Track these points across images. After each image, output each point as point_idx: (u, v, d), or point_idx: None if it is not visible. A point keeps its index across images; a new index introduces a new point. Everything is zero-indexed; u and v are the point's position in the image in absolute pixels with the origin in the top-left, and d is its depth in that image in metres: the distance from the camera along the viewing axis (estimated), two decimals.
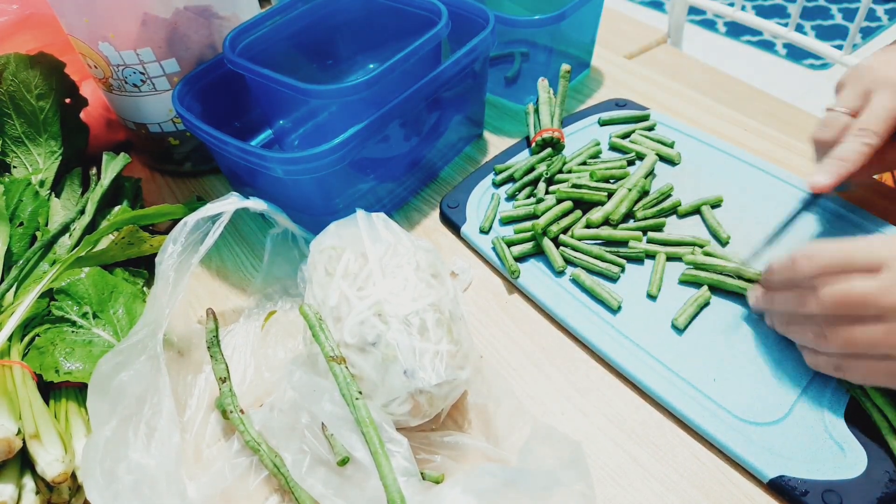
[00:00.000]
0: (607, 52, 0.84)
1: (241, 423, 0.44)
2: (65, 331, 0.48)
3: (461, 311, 0.46)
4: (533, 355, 0.50)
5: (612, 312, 0.51)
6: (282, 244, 0.57)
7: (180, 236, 0.48)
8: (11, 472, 0.41)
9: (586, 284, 0.53)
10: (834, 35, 2.22)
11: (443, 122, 0.65)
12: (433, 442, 0.44)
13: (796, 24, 1.01)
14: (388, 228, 0.48)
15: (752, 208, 0.58)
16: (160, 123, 0.66)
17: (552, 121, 0.67)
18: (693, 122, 0.70)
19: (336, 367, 0.40)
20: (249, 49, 0.61)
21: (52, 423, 0.43)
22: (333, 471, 0.39)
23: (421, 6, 0.63)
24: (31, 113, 0.62)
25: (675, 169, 0.63)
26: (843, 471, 0.40)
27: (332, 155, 0.51)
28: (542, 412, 0.47)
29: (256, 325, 0.53)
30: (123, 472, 0.39)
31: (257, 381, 0.49)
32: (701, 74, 0.93)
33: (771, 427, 0.43)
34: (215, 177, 0.72)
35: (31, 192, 0.58)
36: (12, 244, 0.55)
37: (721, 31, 2.33)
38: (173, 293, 0.46)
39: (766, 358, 0.47)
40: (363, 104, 0.54)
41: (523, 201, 0.61)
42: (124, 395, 0.42)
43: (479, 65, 0.64)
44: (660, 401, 0.46)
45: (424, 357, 0.41)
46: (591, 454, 0.44)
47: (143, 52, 0.60)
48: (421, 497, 0.36)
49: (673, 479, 0.42)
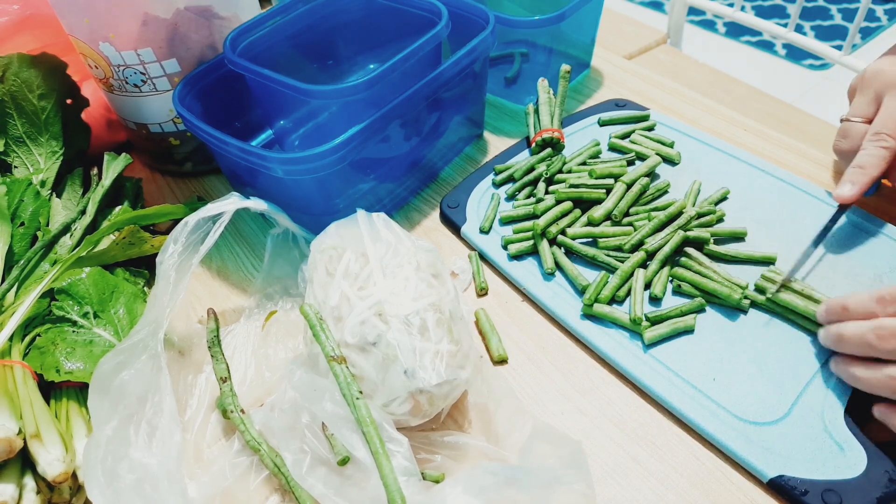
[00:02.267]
0: (607, 52, 0.84)
1: (241, 423, 0.44)
2: (65, 331, 0.48)
3: (461, 310, 0.46)
4: (533, 355, 0.51)
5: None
6: (282, 244, 0.57)
7: (181, 236, 0.48)
8: (12, 471, 0.41)
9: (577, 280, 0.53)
10: (833, 35, 2.22)
11: (443, 122, 0.65)
12: (433, 442, 0.44)
13: (796, 24, 1.01)
14: (389, 228, 0.48)
15: (752, 208, 0.58)
16: (161, 124, 0.66)
17: (552, 121, 0.67)
18: (693, 122, 0.70)
19: (337, 366, 0.40)
20: (250, 49, 0.61)
21: (53, 422, 0.43)
22: (334, 470, 0.39)
23: (421, 6, 0.63)
24: (33, 113, 0.62)
25: (675, 169, 0.63)
26: (843, 470, 0.40)
27: (332, 155, 0.52)
28: (542, 412, 0.47)
29: (257, 325, 0.54)
30: (125, 470, 0.39)
31: (258, 381, 0.49)
32: (701, 74, 0.93)
33: (771, 427, 0.43)
34: (216, 177, 0.72)
35: (32, 192, 0.58)
36: (13, 244, 0.55)
37: (721, 31, 2.33)
38: (174, 293, 0.47)
39: (766, 358, 0.47)
40: (363, 104, 0.54)
41: (523, 201, 0.61)
42: (125, 395, 0.42)
43: (479, 65, 0.64)
44: (660, 400, 0.46)
45: (425, 357, 0.41)
46: (591, 454, 0.44)
47: (143, 53, 0.60)
48: (421, 496, 0.36)
49: (673, 478, 0.42)
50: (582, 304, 0.51)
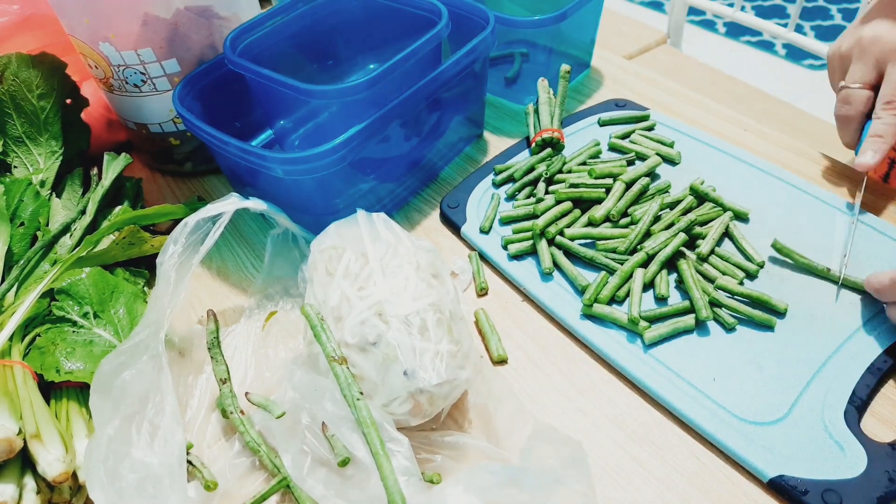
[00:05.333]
0: (607, 52, 0.84)
1: (241, 424, 0.44)
2: (66, 331, 0.48)
3: (461, 310, 0.46)
4: (533, 355, 0.51)
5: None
6: (282, 244, 0.57)
7: (181, 237, 0.48)
8: (12, 471, 0.41)
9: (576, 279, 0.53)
10: (833, 35, 2.22)
11: (443, 122, 0.65)
12: (434, 442, 0.44)
13: (796, 24, 1.01)
14: (389, 228, 0.48)
15: (752, 208, 0.58)
16: (161, 123, 0.66)
17: (552, 121, 0.67)
18: (693, 122, 0.70)
19: (337, 367, 0.40)
20: (250, 49, 0.61)
21: (53, 422, 0.43)
22: (334, 471, 0.39)
23: (421, 6, 0.63)
24: (32, 113, 0.62)
25: (675, 169, 0.63)
26: (843, 470, 0.40)
27: (332, 155, 0.52)
28: (543, 412, 0.47)
29: (257, 325, 0.54)
30: (127, 470, 0.39)
31: (258, 382, 0.49)
32: (701, 74, 0.93)
33: (771, 427, 0.43)
34: (216, 177, 0.72)
35: (31, 192, 0.58)
36: (13, 244, 0.55)
37: (721, 31, 2.33)
38: (174, 293, 0.47)
39: (766, 358, 0.47)
40: (364, 104, 0.54)
41: (523, 201, 0.61)
42: (127, 394, 0.42)
43: (479, 65, 0.64)
44: (660, 400, 0.46)
45: (425, 357, 0.41)
46: (592, 454, 0.44)
47: (143, 53, 0.60)
48: (422, 496, 0.36)
49: (673, 478, 0.43)
50: (582, 304, 0.51)
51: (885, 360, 0.46)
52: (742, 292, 0.50)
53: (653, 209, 0.55)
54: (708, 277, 0.52)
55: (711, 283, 0.52)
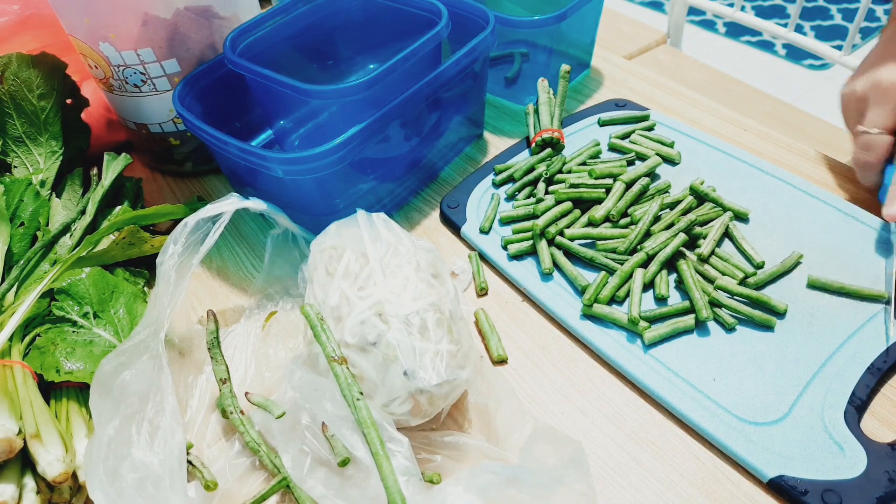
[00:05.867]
0: (607, 52, 0.84)
1: (241, 424, 0.44)
2: (65, 331, 0.48)
3: (461, 310, 0.46)
4: (533, 355, 0.51)
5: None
6: (282, 244, 0.57)
7: (181, 237, 0.48)
8: (12, 472, 0.41)
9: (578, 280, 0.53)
10: (833, 35, 2.22)
11: (443, 122, 0.65)
12: (433, 442, 0.44)
13: (796, 24, 1.01)
14: (389, 228, 0.48)
15: (751, 209, 0.58)
16: (161, 124, 0.66)
17: (552, 121, 0.67)
18: (693, 122, 0.70)
19: (337, 367, 0.40)
20: (250, 49, 0.61)
21: (53, 422, 0.43)
22: (334, 471, 0.39)
23: (421, 6, 0.63)
24: (32, 113, 0.62)
25: (675, 169, 0.64)
26: (843, 471, 0.40)
27: (332, 155, 0.52)
28: (543, 412, 0.47)
29: (257, 325, 0.54)
30: (127, 470, 0.39)
31: (258, 382, 0.49)
32: (701, 74, 0.93)
33: (771, 427, 0.43)
34: (216, 177, 0.72)
35: (31, 192, 0.58)
36: (13, 244, 0.55)
37: (721, 31, 2.33)
38: (174, 293, 0.47)
39: (766, 358, 0.47)
40: (363, 104, 0.54)
41: (523, 201, 0.61)
42: (127, 394, 0.42)
43: (479, 65, 0.64)
44: (660, 400, 0.46)
45: (425, 357, 0.41)
46: (592, 454, 0.44)
47: (143, 53, 0.60)
48: (422, 496, 0.36)
49: (673, 478, 0.43)
50: (582, 305, 0.51)
51: (884, 361, 0.46)
52: (742, 293, 0.50)
53: (653, 209, 0.55)
54: (707, 278, 0.52)
55: (711, 283, 0.52)
